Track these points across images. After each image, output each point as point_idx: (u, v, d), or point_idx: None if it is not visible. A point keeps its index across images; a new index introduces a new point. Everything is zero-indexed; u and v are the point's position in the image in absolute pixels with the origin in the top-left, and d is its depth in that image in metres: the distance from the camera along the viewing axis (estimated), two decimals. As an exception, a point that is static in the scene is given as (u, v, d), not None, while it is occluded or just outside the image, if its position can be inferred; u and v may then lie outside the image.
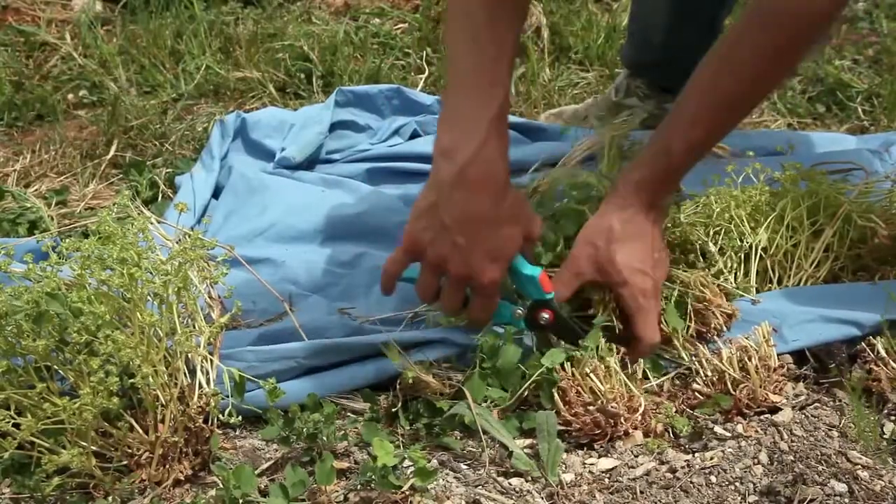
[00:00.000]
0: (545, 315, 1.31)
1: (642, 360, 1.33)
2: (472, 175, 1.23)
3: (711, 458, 1.20)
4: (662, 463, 1.20)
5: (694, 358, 1.33)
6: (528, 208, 1.32)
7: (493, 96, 1.25)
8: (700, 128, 1.31)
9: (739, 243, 1.47)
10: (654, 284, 1.33)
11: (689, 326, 1.36)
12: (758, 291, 1.46)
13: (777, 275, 1.48)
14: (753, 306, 1.41)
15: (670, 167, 1.34)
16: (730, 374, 1.28)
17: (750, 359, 1.29)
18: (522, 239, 1.29)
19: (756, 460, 1.19)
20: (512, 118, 2.06)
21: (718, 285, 1.41)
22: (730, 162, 1.62)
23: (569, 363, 1.27)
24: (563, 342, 1.33)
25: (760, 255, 1.47)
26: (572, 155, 1.75)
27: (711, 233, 1.49)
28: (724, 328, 1.38)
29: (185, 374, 1.19)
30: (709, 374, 1.31)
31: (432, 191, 1.27)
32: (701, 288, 1.37)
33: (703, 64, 1.33)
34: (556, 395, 1.25)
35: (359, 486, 1.15)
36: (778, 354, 1.32)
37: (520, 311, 1.32)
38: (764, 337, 1.31)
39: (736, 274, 1.47)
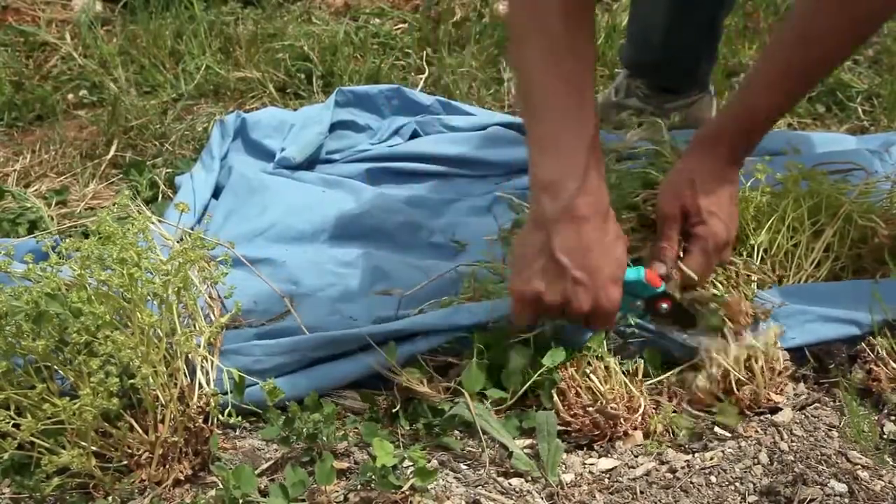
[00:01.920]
0: (664, 305, 1.34)
1: (641, 361, 1.32)
2: (579, 208, 1.19)
3: (711, 459, 1.20)
4: (662, 463, 1.20)
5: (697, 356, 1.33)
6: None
7: (585, 119, 1.20)
8: (780, 93, 1.37)
9: (743, 245, 1.47)
10: (727, 236, 1.36)
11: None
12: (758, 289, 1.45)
13: (777, 274, 1.48)
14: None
15: (751, 126, 1.38)
16: (734, 374, 1.28)
17: (756, 360, 1.29)
18: None
19: (756, 460, 1.19)
20: (512, 118, 2.06)
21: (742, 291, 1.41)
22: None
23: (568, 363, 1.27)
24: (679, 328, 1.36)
25: (762, 255, 1.47)
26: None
27: None
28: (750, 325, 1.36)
29: (185, 374, 1.19)
30: (713, 371, 1.30)
31: (536, 231, 1.22)
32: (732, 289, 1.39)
33: (781, 32, 1.38)
34: (555, 395, 1.25)
35: (359, 486, 1.15)
36: (774, 350, 1.32)
37: (638, 302, 1.33)
38: (772, 339, 1.31)
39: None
